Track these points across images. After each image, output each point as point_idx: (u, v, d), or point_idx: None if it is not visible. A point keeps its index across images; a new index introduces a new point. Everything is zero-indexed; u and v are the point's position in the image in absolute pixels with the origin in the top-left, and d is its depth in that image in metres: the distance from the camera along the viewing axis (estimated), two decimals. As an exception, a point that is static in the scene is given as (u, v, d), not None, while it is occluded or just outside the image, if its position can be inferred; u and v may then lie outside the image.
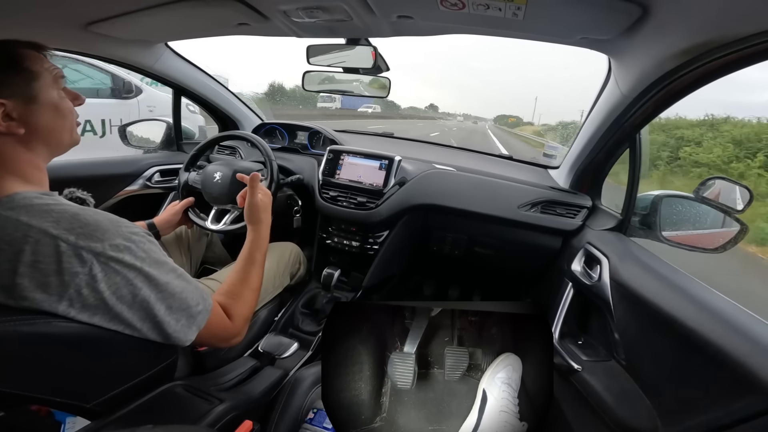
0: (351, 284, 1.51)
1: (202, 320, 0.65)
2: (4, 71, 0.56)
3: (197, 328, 0.64)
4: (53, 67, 0.61)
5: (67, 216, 0.53)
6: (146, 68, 1.30)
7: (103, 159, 1.47)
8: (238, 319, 0.75)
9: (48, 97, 0.59)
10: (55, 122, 0.60)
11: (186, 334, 0.62)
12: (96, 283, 0.52)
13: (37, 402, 0.53)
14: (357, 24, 0.83)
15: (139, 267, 0.56)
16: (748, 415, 0.56)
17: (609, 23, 0.68)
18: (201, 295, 0.66)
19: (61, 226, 0.51)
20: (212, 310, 0.67)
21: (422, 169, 1.44)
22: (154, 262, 0.59)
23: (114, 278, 0.54)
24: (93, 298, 0.52)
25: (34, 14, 0.79)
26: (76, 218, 0.53)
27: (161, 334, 0.60)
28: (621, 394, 0.80)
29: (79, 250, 0.51)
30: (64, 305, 0.51)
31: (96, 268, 0.52)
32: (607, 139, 1.10)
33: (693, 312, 0.69)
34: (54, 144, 0.62)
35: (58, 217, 0.52)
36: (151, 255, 0.59)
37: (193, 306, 0.63)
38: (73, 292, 0.51)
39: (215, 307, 0.69)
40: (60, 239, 0.50)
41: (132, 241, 0.56)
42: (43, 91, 0.58)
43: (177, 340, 0.62)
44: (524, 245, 1.38)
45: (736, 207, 0.85)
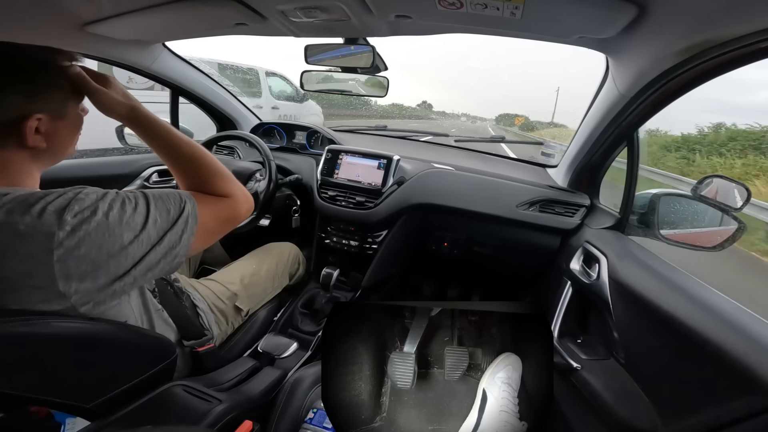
0: (350, 284, 1.51)
1: (194, 221, 0.62)
2: (47, 84, 0.56)
3: (195, 220, 0.61)
4: (79, 80, 0.61)
5: (19, 200, 0.50)
6: (144, 68, 1.30)
7: (100, 160, 1.47)
8: (222, 191, 0.71)
9: (74, 113, 0.59)
10: (72, 137, 0.61)
11: (189, 239, 0.60)
12: (77, 249, 0.49)
13: (37, 403, 0.53)
14: (355, 24, 0.83)
15: (106, 221, 0.52)
16: (747, 414, 0.57)
17: (606, 22, 0.68)
18: (175, 194, 0.62)
19: (16, 212, 0.48)
20: (196, 196, 0.65)
21: (421, 169, 1.44)
22: (120, 206, 0.54)
23: (91, 238, 0.50)
24: (84, 265, 0.50)
25: (30, 14, 0.78)
26: (26, 200, 0.50)
27: (171, 257, 0.58)
28: (620, 393, 0.81)
29: (38, 227, 0.48)
30: (62, 284, 0.49)
31: (68, 239, 0.49)
32: (605, 137, 1.10)
33: (692, 310, 0.69)
34: (60, 156, 0.62)
35: (11, 206, 0.49)
36: (114, 206, 0.54)
37: (175, 211, 0.60)
38: (59, 269, 0.48)
39: (197, 194, 0.66)
40: (16, 224, 0.48)
41: (90, 199, 0.52)
42: (71, 107, 0.59)
43: (183, 251, 0.60)
44: (523, 244, 1.39)
45: (734, 205, 0.85)
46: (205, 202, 0.67)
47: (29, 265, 0.48)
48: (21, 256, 0.48)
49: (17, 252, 0.48)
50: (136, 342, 0.60)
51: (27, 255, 0.48)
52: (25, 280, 0.48)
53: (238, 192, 0.74)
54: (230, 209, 0.72)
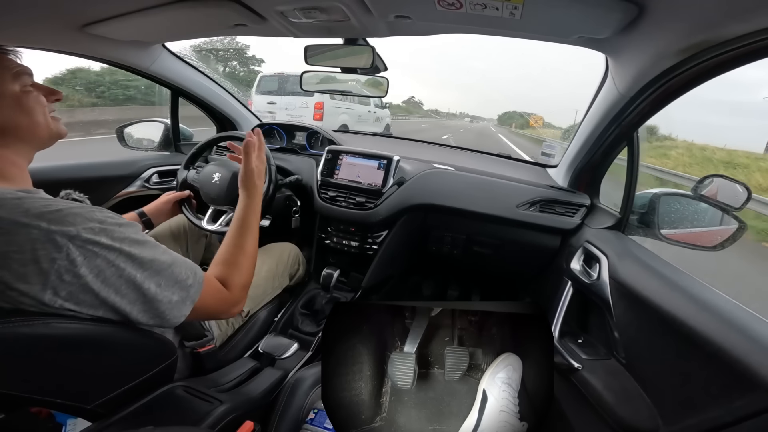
0: (350, 284, 1.51)
1: (196, 293, 0.63)
2: None
3: (191, 302, 0.62)
4: (14, 65, 0.61)
5: (37, 206, 0.52)
6: (143, 69, 1.30)
7: (100, 161, 1.47)
8: (236, 287, 0.74)
9: (5, 93, 0.58)
10: (18, 117, 0.60)
11: (180, 310, 0.61)
12: (76, 267, 0.51)
13: (38, 404, 0.53)
14: (354, 24, 0.83)
15: (118, 247, 0.54)
16: (748, 414, 0.56)
17: (606, 22, 0.69)
18: (190, 268, 0.64)
19: (31, 214, 0.50)
20: (205, 281, 0.66)
21: (421, 169, 1.44)
22: (134, 242, 0.57)
23: (94, 261, 0.52)
24: (77, 284, 0.51)
25: (29, 16, 0.78)
26: (47, 207, 0.52)
27: (154, 314, 0.58)
28: (621, 393, 0.80)
29: (52, 235, 0.50)
30: (49, 294, 0.50)
31: (73, 252, 0.51)
32: (605, 137, 1.10)
33: (693, 310, 0.69)
34: (28, 138, 0.62)
35: (28, 207, 0.51)
36: (130, 236, 0.57)
37: (184, 279, 0.62)
38: (54, 280, 0.50)
39: (208, 278, 0.68)
40: (30, 227, 0.49)
41: (107, 224, 0.55)
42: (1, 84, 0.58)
43: (172, 318, 0.60)
44: (523, 244, 1.39)
45: (735, 204, 0.85)
46: (209, 286, 0.68)
47: (27, 270, 0.49)
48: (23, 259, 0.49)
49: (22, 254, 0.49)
50: (137, 343, 0.60)
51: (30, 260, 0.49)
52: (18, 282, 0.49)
53: (241, 296, 0.76)
54: (224, 303, 0.72)
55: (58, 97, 0.67)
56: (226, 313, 0.74)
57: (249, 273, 0.79)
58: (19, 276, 0.49)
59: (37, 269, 0.49)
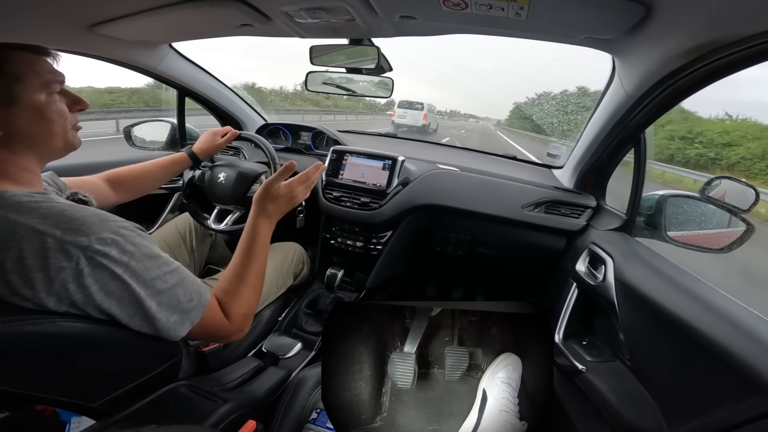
0: (354, 284, 1.51)
1: (196, 316, 0.63)
2: None
3: (190, 324, 0.63)
4: (47, 71, 0.60)
5: (54, 212, 0.52)
6: (150, 69, 1.31)
7: (106, 161, 1.48)
8: (236, 317, 0.72)
9: (30, 101, 0.57)
10: (37, 126, 0.59)
11: (177, 330, 0.61)
12: (82, 278, 0.51)
13: (43, 402, 0.53)
14: (360, 24, 0.83)
15: (126, 262, 0.55)
16: (754, 416, 0.56)
17: (613, 23, 0.68)
18: (197, 290, 0.64)
19: (48, 222, 0.51)
20: (208, 305, 0.66)
21: (425, 170, 1.44)
22: (144, 256, 0.57)
23: (100, 273, 0.53)
24: (80, 294, 0.52)
25: (38, 16, 0.79)
26: (63, 214, 0.53)
27: (151, 329, 0.59)
28: (626, 395, 0.80)
29: (65, 245, 0.50)
30: (53, 301, 0.50)
31: (82, 262, 0.51)
32: (611, 138, 1.10)
33: (698, 312, 0.69)
34: (41, 148, 0.61)
35: (45, 213, 0.52)
36: (141, 249, 0.57)
37: (185, 302, 0.62)
38: (59, 288, 0.50)
39: (212, 302, 0.68)
40: (46, 234, 0.50)
41: (120, 235, 0.55)
42: (25, 94, 0.57)
43: (167, 336, 0.61)
44: (528, 246, 1.38)
45: (742, 206, 0.84)
46: (212, 310, 0.68)
47: (35, 276, 0.50)
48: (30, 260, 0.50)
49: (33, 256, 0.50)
50: (141, 342, 0.60)
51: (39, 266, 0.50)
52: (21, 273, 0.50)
53: (242, 325, 0.74)
54: (222, 330, 0.71)
55: (82, 107, 0.66)
56: (224, 339, 0.73)
57: (250, 303, 0.76)
58: (27, 282, 0.49)
59: (45, 277, 0.50)
